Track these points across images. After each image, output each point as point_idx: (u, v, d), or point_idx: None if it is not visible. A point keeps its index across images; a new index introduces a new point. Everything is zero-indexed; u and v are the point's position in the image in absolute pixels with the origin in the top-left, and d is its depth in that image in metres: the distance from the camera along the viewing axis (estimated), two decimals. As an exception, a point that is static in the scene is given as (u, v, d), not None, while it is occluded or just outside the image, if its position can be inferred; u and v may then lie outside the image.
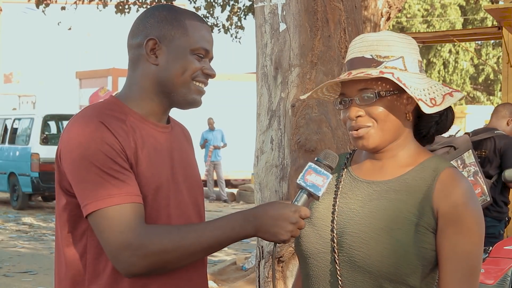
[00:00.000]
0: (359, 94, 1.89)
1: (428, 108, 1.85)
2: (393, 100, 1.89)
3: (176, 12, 2.04)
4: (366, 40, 1.92)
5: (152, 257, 1.85)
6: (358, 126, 1.89)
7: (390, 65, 1.88)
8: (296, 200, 1.88)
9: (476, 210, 1.86)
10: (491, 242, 5.62)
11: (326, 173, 1.87)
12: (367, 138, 1.89)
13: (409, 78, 1.88)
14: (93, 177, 1.87)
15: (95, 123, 1.90)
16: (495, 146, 6.18)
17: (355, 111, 1.89)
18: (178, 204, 2.02)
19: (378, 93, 1.88)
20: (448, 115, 1.97)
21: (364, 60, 1.90)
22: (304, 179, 1.87)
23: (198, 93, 2.04)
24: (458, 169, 1.92)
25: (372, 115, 1.89)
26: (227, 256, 10.18)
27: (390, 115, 1.89)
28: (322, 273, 1.92)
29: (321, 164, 1.89)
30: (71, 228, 1.96)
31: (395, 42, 1.91)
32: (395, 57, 1.89)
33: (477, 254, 1.86)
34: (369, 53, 1.90)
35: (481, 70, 29.67)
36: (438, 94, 1.89)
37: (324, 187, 1.86)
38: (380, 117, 1.88)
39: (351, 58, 1.93)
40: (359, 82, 1.89)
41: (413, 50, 1.94)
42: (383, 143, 1.91)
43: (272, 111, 3.72)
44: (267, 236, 1.87)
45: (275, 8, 3.70)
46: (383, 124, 1.89)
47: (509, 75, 9.44)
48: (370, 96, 1.88)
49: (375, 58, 1.89)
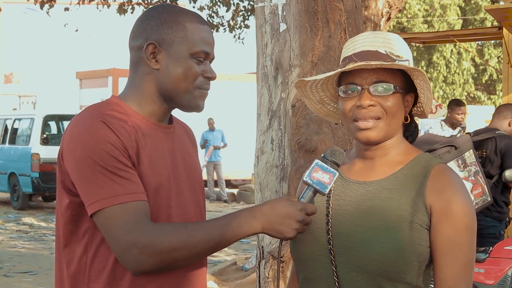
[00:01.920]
0: (375, 85, 1.89)
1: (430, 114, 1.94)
2: (401, 98, 1.92)
3: (176, 14, 2.03)
4: (378, 36, 1.94)
5: (160, 255, 1.86)
6: (369, 116, 1.89)
7: (402, 64, 1.90)
8: (302, 197, 1.89)
9: (467, 204, 1.89)
10: (492, 242, 5.63)
11: (332, 171, 1.87)
12: (375, 130, 1.89)
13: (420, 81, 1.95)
14: (97, 176, 1.87)
15: (97, 122, 1.91)
16: (496, 146, 6.20)
17: (368, 99, 1.88)
18: (179, 204, 2.02)
19: (395, 86, 1.89)
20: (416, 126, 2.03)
21: (378, 54, 1.90)
22: (311, 176, 1.87)
23: (202, 98, 2.05)
24: (448, 165, 1.95)
25: (384, 107, 1.89)
26: (227, 256, 10.18)
27: (399, 111, 1.92)
28: (320, 275, 1.92)
29: (327, 161, 1.89)
30: (73, 227, 1.97)
31: (404, 45, 1.95)
32: (404, 58, 1.92)
33: (470, 248, 1.88)
34: (383, 49, 1.91)
35: (482, 70, 29.67)
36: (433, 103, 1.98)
37: (331, 185, 1.87)
38: (392, 111, 1.90)
39: (363, 51, 1.91)
40: (374, 73, 1.89)
41: (411, 55, 1.97)
42: (386, 137, 1.93)
43: (272, 111, 3.72)
44: (273, 234, 1.88)
45: (276, 8, 3.70)
46: (391, 119, 1.91)
47: (509, 75, 9.43)
48: (387, 88, 1.89)
49: (389, 54, 1.90)
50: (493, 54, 28.22)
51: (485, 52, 28.34)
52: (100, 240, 1.93)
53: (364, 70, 1.89)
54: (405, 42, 1.97)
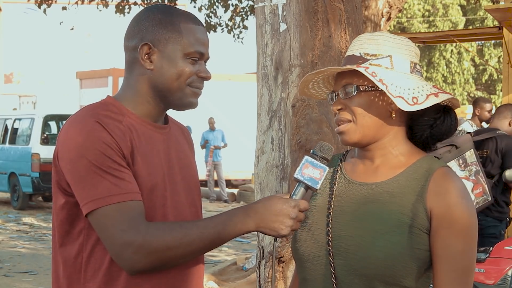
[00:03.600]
0: (342, 89, 1.93)
1: (407, 106, 1.85)
2: (374, 96, 1.91)
3: (171, 14, 2.03)
4: (360, 39, 1.97)
5: (155, 254, 1.86)
6: (340, 120, 1.93)
7: (375, 63, 1.90)
8: (294, 193, 1.90)
9: (469, 209, 1.86)
10: (492, 242, 5.63)
11: (322, 166, 1.89)
12: (347, 133, 1.92)
13: (394, 76, 1.89)
14: (92, 176, 1.88)
15: (91, 123, 1.91)
16: (497, 146, 6.21)
17: (337, 104, 1.93)
18: (174, 204, 2.02)
19: (357, 87, 1.91)
20: (445, 120, 1.94)
21: (353, 57, 1.94)
22: (302, 173, 1.89)
23: (194, 96, 2.05)
24: (451, 169, 1.93)
25: (351, 109, 1.91)
26: (227, 256, 10.18)
27: (370, 110, 1.91)
28: (319, 277, 1.92)
29: (317, 156, 1.90)
30: (68, 227, 1.97)
31: (386, 42, 1.93)
32: (383, 56, 1.92)
33: (471, 254, 1.86)
34: (358, 51, 1.94)
35: (482, 70, 29.68)
36: (422, 93, 1.88)
37: (322, 180, 1.89)
38: (358, 111, 1.91)
39: (348, 55, 1.97)
40: (343, 78, 1.93)
41: (406, 51, 1.94)
42: (364, 138, 1.92)
43: (272, 111, 3.71)
44: (267, 231, 1.88)
45: (276, 8, 3.70)
46: (362, 119, 1.91)
47: (510, 75, 9.44)
48: (350, 90, 1.91)
49: (363, 55, 1.92)
50: (493, 54, 28.23)
51: (485, 52, 28.35)
52: (96, 240, 1.94)
53: (338, 76, 1.96)
54: (393, 38, 1.94)
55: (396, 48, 1.93)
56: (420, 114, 1.93)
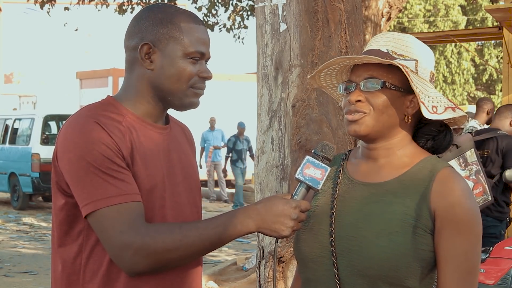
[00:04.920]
0: (365, 81, 1.90)
1: (428, 114, 1.87)
2: (396, 96, 1.90)
3: (171, 14, 2.01)
4: (387, 36, 1.95)
5: (155, 256, 1.85)
6: (355, 111, 1.89)
7: (403, 63, 1.89)
8: (295, 194, 1.88)
9: (473, 210, 1.86)
10: (492, 242, 5.62)
11: (324, 166, 1.88)
12: (360, 124, 1.89)
13: (418, 80, 1.89)
14: (91, 177, 1.87)
15: (91, 123, 1.90)
16: (498, 146, 6.22)
17: (356, 95, 1.89)
18: (174, 205, 2.01)
19: (384, 82, 1.88)
20: (446, 135, 1.97)
21: (379, 52, 1.91)
22: (303, 173, 1.87)
23: (196, 97, 2.04)
24: (454, 169, 1.92)
25: (371, 102, 1.89)
26: (227, 256, 10.18)
27: (389, 108, 1.89)
28: (322, 277, 1.91)
29: (318, 156, 1.89)
30: (68, 228, 1.96)
31: (413, 45, 1.93)
32: (410, 58, 1.91)
33: (475, 254, 1.85)
34: (386, 48, 1.92)
35: (482, 70, 29.67)
36: (441, 105, 1.90)
37: (323, 180, 1.87)
38: (378, 106, 1.88)
39: (367, 50, 1.94)
40: (368, 70, 1.90)
41: (429, 60, 1.95)
42: (375, 133, 1.90)
43: (272, 111, 3.71)
44: (268, 232, 1.87)
45: (276, 8, 3.69)
46: (379, 115, 1.89)
47: (510, 75, 9.44)
48: (375, 84, 1.88)
49: (390, 53, 1.91)
50: (493, 54, 28.22)
51: (485, 52, 28.34)
52: (95, 241, 1.93)
53: (360, 67, 1.91)
54: (421, 45, 1.95)
55: (422, 54, 1.93)
56: (427, 124, 1.95)
